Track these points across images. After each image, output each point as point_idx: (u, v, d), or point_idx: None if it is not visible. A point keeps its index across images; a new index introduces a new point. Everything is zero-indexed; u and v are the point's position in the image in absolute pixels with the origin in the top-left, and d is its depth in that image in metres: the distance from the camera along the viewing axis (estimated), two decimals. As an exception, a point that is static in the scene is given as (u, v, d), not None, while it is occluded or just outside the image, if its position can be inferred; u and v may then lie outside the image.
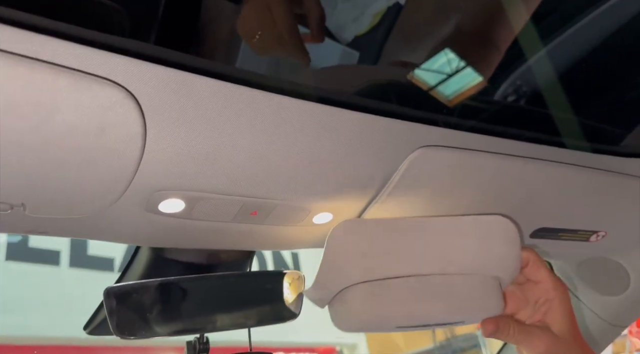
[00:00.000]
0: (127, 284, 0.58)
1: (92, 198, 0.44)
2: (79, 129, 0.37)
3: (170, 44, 0.42)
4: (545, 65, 0.67)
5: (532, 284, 0.63)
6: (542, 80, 0.66)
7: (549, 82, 0.67)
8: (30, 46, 0.34)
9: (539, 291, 0.62)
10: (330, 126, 0.48)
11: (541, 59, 0.67)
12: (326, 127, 0.48)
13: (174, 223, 0.52)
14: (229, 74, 0.43)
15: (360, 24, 0.57)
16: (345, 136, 0.49)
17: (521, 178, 0.61)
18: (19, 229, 0.50)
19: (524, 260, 0.62)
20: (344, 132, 0.49)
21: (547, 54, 0.67)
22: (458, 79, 0.56)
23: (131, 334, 0.56)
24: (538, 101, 0.66)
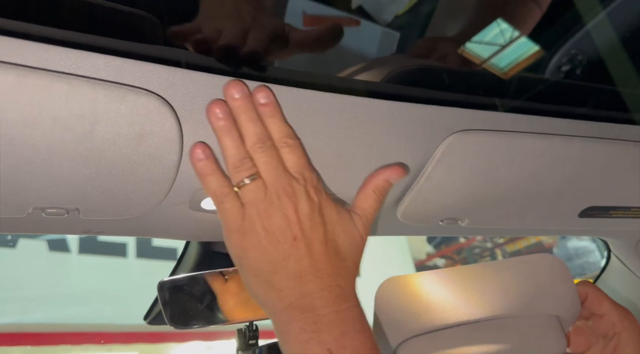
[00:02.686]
0: (179, 277, 0.61)
1: (139, 200, 0.47)
2: (120, 138, 0.40)
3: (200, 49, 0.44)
4: (588, 35, 0.64)
5: (598, 318, 0.60)
6: (585, 51, 0.63)
7: (593, 53, 0.64)
8: (69, 62, 0.37)
9: (605, 325, 0.60)
10: (360, 117, 0.48)
11: (583, 29, 0.64)
12: (356, 119, 0.48)
13: (217, 219, 0.54)
14: (257, 74, 0.44)
15: (399, 3, 0.57)
16: (376, 126, 0.49)
17: (564, 157, 0.59)
18: (76, 230, 0.54)
19: (582, 294, 0.60)
20: (375, 122, 0.49)
21: (592, 23, 0.64)
22: (512, 50, 0.55)
23: (184, 324, 0.59)
24: (579, 74, 0.63)
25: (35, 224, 0.50)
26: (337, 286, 0.43)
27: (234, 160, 0.43)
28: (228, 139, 0.43)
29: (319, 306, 0.42)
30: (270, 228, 0.43)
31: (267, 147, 0.43)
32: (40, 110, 0.36)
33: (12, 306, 3.38)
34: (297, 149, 0.45)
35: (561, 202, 0.66)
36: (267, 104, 0.43)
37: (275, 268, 0.43)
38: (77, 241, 3.89)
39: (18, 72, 0.35)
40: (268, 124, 0.44)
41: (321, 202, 0.45)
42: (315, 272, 0.43)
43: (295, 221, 0.43)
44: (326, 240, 0.44)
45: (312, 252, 0.43)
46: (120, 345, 3.69)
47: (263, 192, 0.43)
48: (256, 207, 0.43)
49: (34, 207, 0.45)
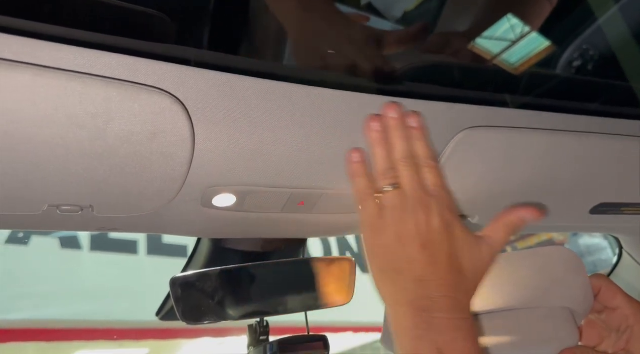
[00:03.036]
0: (191, 273, 0.62)
1: (151, 198, 0.48)
2: (133, 136, 0.40)
3: (212, 48, 0.45)
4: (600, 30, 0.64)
5: (611, 312, 0.60)
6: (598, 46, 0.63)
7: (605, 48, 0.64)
8: (83, 61, 0.37)
9: (618, 319, 0.59)
10: (371, 114, 0.48)
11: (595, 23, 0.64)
12: (366, 116, 0.48)
13: (228, 216, 0.55)
14: (269, 72, 0.44)
15: (407, 0, 0.57)
16: None
17: (575, 154, 0.58)
18: (90, 227, 0.55)
19: (595, 287, 0.60)
20: None
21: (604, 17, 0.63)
22: (523, 45, 0.55)
23: (196, 320, 0.60)
24: (591, 69, 0.63)
25: (50, 221, 0.50)
26: (455, 298, 0.45)
27: (382, 168, 0.49)
28: (380, 149, 0.49)
29: (435, 310, 0.44)
30: (401, 232, 0.46)
31: (412, 164, 0.48)
32: (55, 109, 0.37)
33: (25, 302, 3.42)
34: (437, 170, 0.49)
35: (572, 199, 0.65)
36: (417, 128, 0.49)
37: (400, 268, 0.46)
38: (88, 238, 3.92)
39: (34, 71, 0.36)
40: (415, 145, 0.49)
41: (453, 222, 0.47)
42: (438, 280, 0.45)
43: (425, 231, 0.46)
44: (451, 255, 0.47)
45: (437, 262, 0.46)
46: (132, 341, 3.72)
47: (401, 200, 0.47)
48: (393, 212, 0.47)
49: (49, 204, 0.46)
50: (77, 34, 0.38)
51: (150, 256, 4.10)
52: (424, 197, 0.47)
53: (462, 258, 0.47)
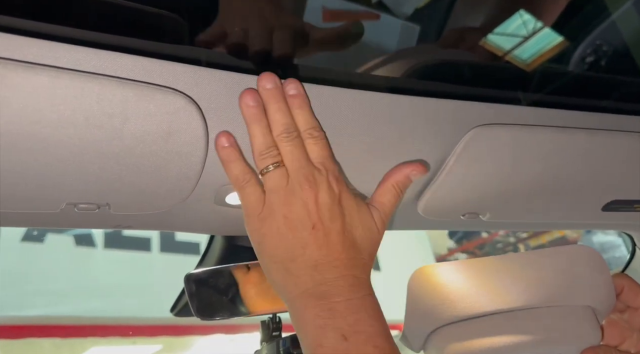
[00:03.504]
0: (204, 270, 0.63)
1: (166, 196, 0.48)
2: (149, 136, 0.41)
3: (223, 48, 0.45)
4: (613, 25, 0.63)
5: (633, 311, 0.59)
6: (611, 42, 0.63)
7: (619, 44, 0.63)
8: (100, 63, 0.38)
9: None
10: (381, 113, 0.49)
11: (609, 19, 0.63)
12: (376, 114, 0.49)
13: (241, 213, 0.55)
14: (280, 71, 0.45)
15: (418, -4, 0.57)
16: (397, 121, 0.50)
17: (587, 151, 0.58)
18: (107, 224, 0.56)
19: (618, 287, 0.59)
20: (395, 117, 0.50)
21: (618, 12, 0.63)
22: (535, 41, 0.55)
23: (210, 316, 0.61)
24: (604, 65, 0.63)
25: (67, 219, 0.52)
26: (352, 276, 0.44)
27: (261, 147, 0.44)
28: (256, 126, 0.44)
29: (334, 294, 0.43)
30: (289, 216, 0.44)
31: (293, 138, 0.45)
32: (73, 109, 0.38)
33: (40, 299, 3.47)
34: (321, 140, 0.46)
35: (584, 196, 0.65)
36: (296, 96, 0.45)
37: (293, 255, 0.44)
38: (102, 236, 3.97)
39: (51, 73, 0.36)
40: (295, 115, 0.45)
41: (341, 194, 0.45)
42: (332, 261, 0.43)
43: (314, 210, 0.44)
44: (344, 231, 0.45)
45: (330, 242, 0.44)
46: (145, 338, 3.76)
47: (285, 179, 0.44)
48: (277, 194, 0.44)
49: (67, 202, 0.47)
50: (94, 36, 0.39)
51: (163, 253, 4.14)
52: (309, 173, 0.44)
53: (355, 231, 0.45)
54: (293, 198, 0.44)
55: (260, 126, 0.44)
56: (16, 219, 0.52)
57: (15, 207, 0.47)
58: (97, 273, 3.79)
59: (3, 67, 0.35)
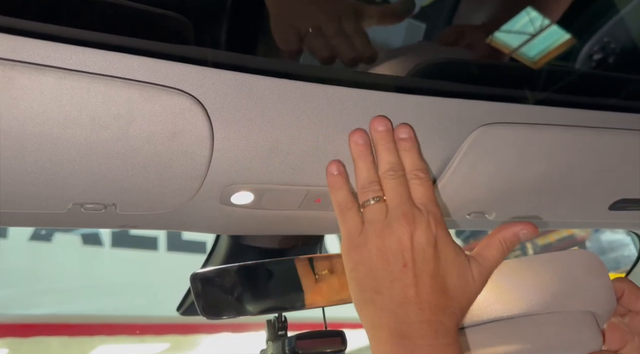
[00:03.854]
0: (210, 269, 0.63)
1: (172, 196, 0.49)
2: (154, 136, 0.42)
3: (229, 48, 0.46)
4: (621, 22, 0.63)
5: (634, 315, 0.59)
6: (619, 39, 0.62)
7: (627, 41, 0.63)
8: (106, 64, 0.39)
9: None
10: (387, 112, 0.49)
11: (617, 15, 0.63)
12: (382, 114, 0.49)
13: (246, 213, 0.56)
14: (286, 71, 0.45)
15: (424, -5, 0.57)
16: (403, 120, 0.50)
17: (593, 149, 0.58)
18: (113, 224, 0.56)
19: (618, 290, 0.59)
20: (401, 116, 0.50)
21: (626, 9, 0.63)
22: (541, 39, 0.54)
23: (216, 315, 0.61)
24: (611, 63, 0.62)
25: (74, 218, 0.52)
26: (438, 322, 0.43)
27: (364, 182, 0.46)
28: (362, 162, 0.47)
29: (416, 337, 0.42)
30: (383, 248, 0.44)
31: (398, 176, 0.46)
32: (79, 110, 0.38)
33: (48, 297, 3.49)
34: (426, 182, 0.47)
35: (591, 195, 0.65)
36: (407, 139, 0.48)
37: (380, 288, 0.43)
38: (109, 235, 3.98)
39: (58, 74, 0.37)
40: (404, 156, 0.47)
41: (439, 237, 0.45)
42: (419, 303, 0.43)
43: (408, 247, 0.43)
44: (436, 275, 0.44)
45: (419, 283, 0.43)
46: (153, 336, 3.78)
47: (384, 213, 0.45)
48: (374, 226, 0.45)
49: (73, 203, 0.47)
50: (100, 37, 0.39)
51: (170, 252, 4.15)
52: (408, 211, 0.44)
53: (448, 278, 0.44)
54: (389, 231, 0.44)
55: (365, 162, 0.47)
56: (23, 219, 0.53)
57: (22, 207, 0.48)
58: (105, 271, 3.80)
59: (10, 68, 0.35)
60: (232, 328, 3.64)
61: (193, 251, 4.05)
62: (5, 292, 3.40)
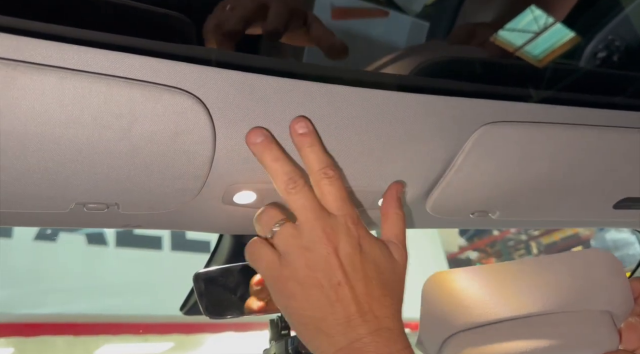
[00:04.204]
0: (213, 269, 0.63)
1: (174, 195, 0.49)
2: (156, 136, 0.42)
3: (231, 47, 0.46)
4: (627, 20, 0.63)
5: None
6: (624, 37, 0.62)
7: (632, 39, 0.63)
8: (107, 63, 0.38)
9: None
10: (389, 111, 0.49)
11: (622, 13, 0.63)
12: (384, 112, 0.49)
13: (249, 213, 0.56)
14: (288, 70, 0.45)
15: (427, -7, 0.57)
16: (405, 119, 0.50)
17: (598, 148, 0.58)
18: (116, 224, 0.56)
19: (636, 290, 0.59)
20: (404, 115, 0.49)
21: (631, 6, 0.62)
22: (545, 37, 0.54)
23: (219, 314, 0.61)
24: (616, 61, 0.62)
25: (77, 218, 0.52)
26: (386, 329, 0.42)
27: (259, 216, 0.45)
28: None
29: (371, 351, 0.41)
30: (311, 274, 0.42)
31: (301, 187, 0.43)
32: (81, 110, 0.38)
33: (53, 297, 3.51)
34: (337, 180, 0.44)
35: (595, 193, 0.65)
36: (306, 134, 0.44)
37: (323, 314, 0.42)
38: (114, 235, 4.00)
39: (60, 74, 0.37)
40: (307, 153, 0.44)
41: (361, 238, 0.44)
42: (363, 315, 0.42)
43: (337, 265, 0.42)
44: (369, 279, 0.43)
45: (357, 295, 0.42)
46: (157, 335, 3.79)
47: (297, 236, 0.43)
48: (294, 255, 0.42)
49: (76, 202, 0.47)
50: (101, 37, 0.39)
51: (174, 251, 4.17)
52: (325, 225, 0.42)
53: (381, 276, 0.43)
54: (311, 255, 0.42)
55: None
56: (26, 219, 0.53)
57: (24, 207, 0.48)
58: (109, 271, 3.82)
59: (12, 69, 0.35)
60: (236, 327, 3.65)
61: (197, 251, 4.06)
62: (10, 291, 3.42)
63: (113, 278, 3.76)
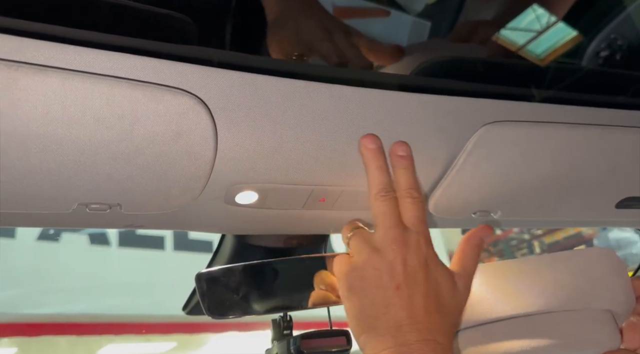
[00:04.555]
0: (215, 269, 0.63)
1: (177, 195, 0.49)
2: (158, 137, 0.42)
3: (233, 48, 0.46)
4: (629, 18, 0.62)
5: None
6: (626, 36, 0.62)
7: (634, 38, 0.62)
8: (109, 64, 0.39)
9: None
10: (391, 111, 0.49)
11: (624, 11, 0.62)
12: (387, 112, 0.49)
13: (251, 213, 0.56)
14: (289, 70, 0.45)
15: (429, -8, 0.57)
16: (407, 119, 0.50)
17: (599, 147, 0.58)
18: (118, 224, 0.56)
19: (638, 289, 0.59)
20: (405, 115, 0.49)
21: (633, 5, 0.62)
22: (547, 36, 0.54)
23: (221, 314, 0.61)
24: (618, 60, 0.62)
25: (79, 219, 0.52)
26: (435, 341, 0.44)
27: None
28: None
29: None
30: (375, 273, 0.45)
31: (390, 198, 0.47)
32: (83, 111, 0.38)
33: (56, 297, 3.51)
34: (419, 203, 0.47)
35: (597, 193, 0.64)
36: (404, 157, 0.48)
37: (377, 313, 0.44)
38: (116, 234, 4.00)
39: (62, 75, 0.37)
40: (400, 174, 0.48)
41: (429, 257, 0.46)
42: (415, 324, 0.44)
43: (401, 271, 0.44)
44: (428, 295, 0.45)
45: (413, 305, 0.44)
46: (160, 335, 3.79)
47: (371, 239, 0.46)
48: (365, 252, 0.46)
49: (78, 203, 0.48)
50: (103, 38, 0.39)
51: (176, 251, 4.17)
52: (399, 235, 0.45)
53: (440, 297, 0.46)
54: (380, 256, 0.45)
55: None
56: (28, 220, 0.53)
57: (27, 207, 0.48)
58: (112, 271, 3.82)
59: (15, 70, 0.35)
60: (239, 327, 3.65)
61: (200, 250, 4.06)
62: (13, 292, 3.42)
63: (116, 278, 3.76)
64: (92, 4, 0.41)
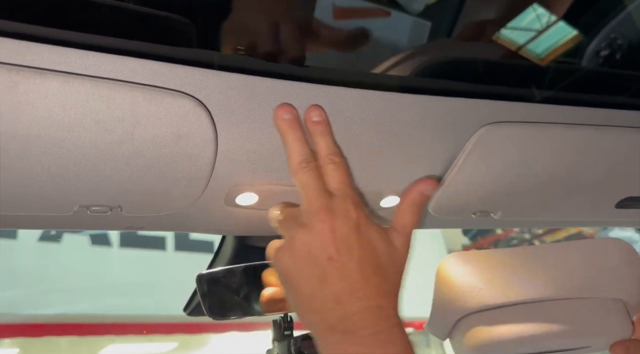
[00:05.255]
0: (216, 270, 0.63)
1: (177, 197, 0.49)
2: (159, 139, 0.42)
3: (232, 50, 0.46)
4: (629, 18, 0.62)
5: None
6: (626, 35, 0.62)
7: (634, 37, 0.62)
8: (110, 67, 0.39)
9: None
10: (391, 112, 0.49)
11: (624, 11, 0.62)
12: (387, 114, 0.49)
13: (251, 214, 0.56)
14: (289, 72, 0.45)
15: (429, -8, 0.57)
16: (406, 120, 0.50)
17: (599, 147, 0.58)
18: (119, 226, 0.57)
19: None
20: (405, 116, 0.49)
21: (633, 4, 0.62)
22: (547, 36, 0.54)
23: (222, 315, 0.61)
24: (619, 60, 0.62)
25: (80, 221, 0.52)
26: (377, 307, 0.42)
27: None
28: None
29: (359, 328, 0.41)
30: (305, 249, 0.43)
31: (310, 168, 0.44)
32: (84, 114, 0.38)
33: (57, 297, 3.52)
34: (341, 166, 0.45)
35: (597, 193, 0.65)
36: (320, 122, 0.46)
37: (314, 291, 0.42)
38: (118, 235, 4.01)
39: (63, 78, 0.37)
40: (318, 141, 0.46)
41: (359, 221, 0.44)
42: (354, 293, 0.42)
43: (330, 241, 0.42)
44: (363, 260, 0.43)
45: (349, 272, 0.42)
46: (161, 335, 3.80)
47: (298, 215, 0.44)
48: (292, 231, 0.44)
49: (79, 205, 0.48)
50: (103, 41, 0.39)
51: (177, 251, 4.17)
52: (325, 204, 0.43)
53: (376, 258, 0.44)
54: (307, 231, 0.43)
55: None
56: (30, 222, 0.53)
57: (28, 210, 0.48)
58: (113, 271, 3.83)
59: (16, 73, 0.36)
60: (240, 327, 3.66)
61: (201, 251, 4.07)
62: (15, 292, 3.43)
63: (117, 278, 3.77)
64: (92, 7, 0.41)
